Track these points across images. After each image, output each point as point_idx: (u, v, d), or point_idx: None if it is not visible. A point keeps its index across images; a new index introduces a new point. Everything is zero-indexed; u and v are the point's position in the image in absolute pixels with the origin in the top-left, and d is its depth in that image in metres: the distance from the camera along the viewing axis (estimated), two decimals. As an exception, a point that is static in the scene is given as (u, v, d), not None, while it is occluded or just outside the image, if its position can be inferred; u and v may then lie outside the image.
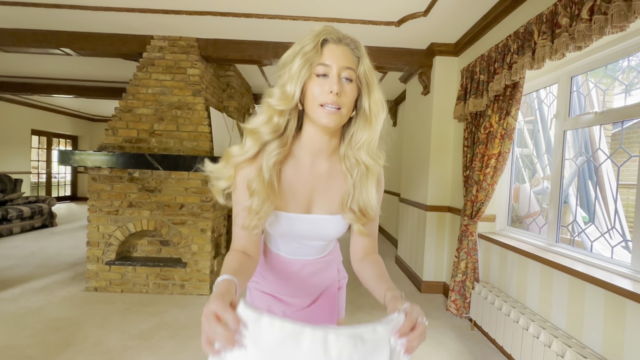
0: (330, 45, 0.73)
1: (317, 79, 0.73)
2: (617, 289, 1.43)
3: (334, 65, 0.72)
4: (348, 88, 0.73)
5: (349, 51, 0.74)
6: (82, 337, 2.25)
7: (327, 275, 1.02)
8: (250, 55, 3.32)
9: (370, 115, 0.77)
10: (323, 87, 0.72)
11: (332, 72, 0.72)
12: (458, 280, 2.64)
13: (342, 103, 0.72)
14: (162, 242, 3.26)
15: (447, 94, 3.24)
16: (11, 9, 2.81)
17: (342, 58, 0.73)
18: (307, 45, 0.72)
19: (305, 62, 0.72)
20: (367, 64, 0.75)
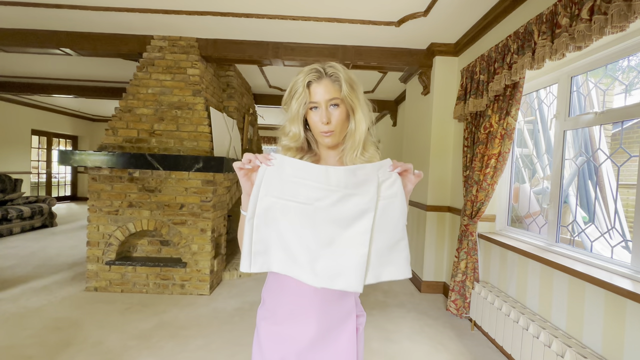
0: (314, 85, 0.91)
1: (312, 111, 0.93)
2: (617, 289, 1.43)
3: (321, 100, 0.91)
4: (336, 113, 0.92)
5: (329, 84, 0.91)
6: (82, 337, 2.25)
7: (343, 305, 0.97)
8: (250, 55, 3.32)
9: (354, 131, 0.94)
10: (317, 117, 0.92)
11: (321, 105, 0.91)
12: (458, 280, 2.64)
13: (333, 127, 0.92)
14: (162, 242, 3.26)
15: (447, 94, 3.24)
16: (11, 9, 2.81)
17: (325, 92, 0.90)
18: (298, 89, 0.91)
19: (300, 104, 0.91)
20: (345, 90, 0.91)
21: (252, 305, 2.85)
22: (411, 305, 2.98)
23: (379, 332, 2.47)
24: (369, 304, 2.93)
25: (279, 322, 0.97)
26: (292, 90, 0.93)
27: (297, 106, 0.91)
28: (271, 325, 0.99)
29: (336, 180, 0.80)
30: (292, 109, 0.93)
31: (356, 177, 0.81)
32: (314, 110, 0.92)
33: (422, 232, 3.38)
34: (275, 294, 0.99)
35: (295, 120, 0.93)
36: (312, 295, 0.94)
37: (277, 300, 0.98)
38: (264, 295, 1.03)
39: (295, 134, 0.95)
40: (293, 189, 0.81)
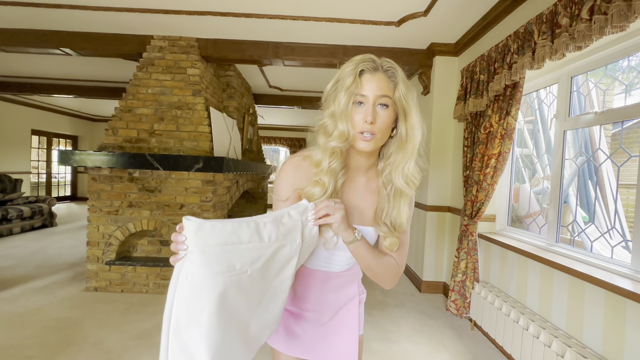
0: (367, 76, 0.79)
1: (355, 106, 0.80)
2: (617, 289, 1.43)
3: (370, 95, 0.78)
4: (383, 114, 0.80)
5: (384, 79, 0.79)
6: (82, 337, 2.25)
7: (348, 290, 1.00)
8: (250, 55, 3.32)
9: (406, 139, 0.83)
10: (359, 115, 0.79)
11: (368, 101, 0.79)
12: (458, 280, 2.64)
13: (376, 130, 0.79)
14: (162, 242, 3.25)
15: (447, 94, 3.24)
16: (11, 9, 2.81)
17: (378, 87, 0.78)
18: (347, 78, 0.79)
19: (349, 96, 0.79)
20: (402, 89, 0.80)
21: (252, 305, 2.85)
22: (411, 305, 2.98)
23: (379, 332, 2.47)
24: (369, 303, 2.93)
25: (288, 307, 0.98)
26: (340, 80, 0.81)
27: (346, 98, 0.78)
28: None
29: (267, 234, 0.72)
30: (339, 102, 0.79)
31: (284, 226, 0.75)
32: (357, 107, 0.80)
33: (422, 232, 3.38)
34: None
35: (343, 115, 0.79)
36: (320, 285, 0.95)
37: None
38: None
39: (344, 132, 0.80)
40: (224, 261, 0.65)
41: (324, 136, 0.83)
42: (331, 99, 0.82)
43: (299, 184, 0.86)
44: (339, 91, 0.80)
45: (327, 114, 0.83)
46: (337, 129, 0.80)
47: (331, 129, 0.82)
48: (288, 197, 0.86)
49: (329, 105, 0.83)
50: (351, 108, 0.80)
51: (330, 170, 0.83)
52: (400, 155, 0.83)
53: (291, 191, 0.86)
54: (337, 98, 0.80)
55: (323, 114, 0.85)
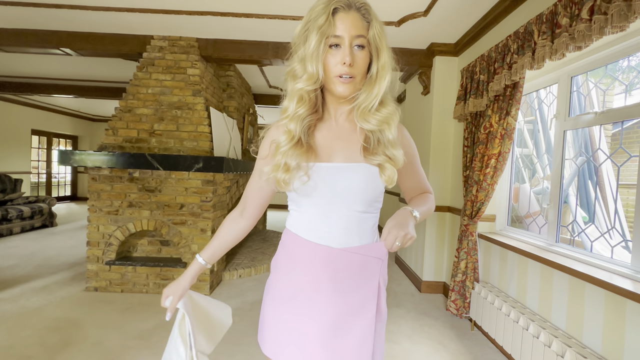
0: (341, 14, 0.73)
1: (330, 49, 0.74)
2: (617, 289, 1.43)
3: (346, 35, 0.73)
4: (360, 56, 0.75)
5: (359, 17, 0.74)
6: (82, 337, 2.25)
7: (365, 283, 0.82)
8: (250, 55, 3.32)
9: (375, 79, 0.77)
10: (336, 58, 0.74)
11: (344, 42, 0.73)
12: (458, 280, 2.64)
13: (355, 73, 0.74)
14: (162, 242, 3.25)
15: (447, 94, 3.24)
16: (11, 9, 2.81)
17: (353, 27, 0.73)
18: (319, 17, 0.72)
19: (321, 37, 0.72)
20: (376, 27, 0.75)
21: (251, 305, 2.85)
22: (411, 305, 2.98)
23: (379, 332, 2.46)
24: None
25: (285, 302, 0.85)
26: (311, 20, 0.75)
27: (317, 38, 0.72)
28: (277, 305, 0.86)
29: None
30: (309, 43, 0.73)
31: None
32: (332, 50, 0.74)
33: (422, 232, 3.38)
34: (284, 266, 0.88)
35: (314, 56, 0.73)
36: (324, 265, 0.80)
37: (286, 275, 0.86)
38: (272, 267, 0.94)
39: (312, 74, 0.74)
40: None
41: (292, 81, 0.79)
42: (301, 42, 0.77)
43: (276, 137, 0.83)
44: (310, 32, 0.74)
45: (296, 59, 0.78)
46: (306, 71, 0.75)
47: (300, 73, 0.77)
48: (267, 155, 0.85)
49: (298, 47, 0.78)
50: (324, 51, 0.74)
51: (296, 117, 0.78)
52: (365, 95, 0.77)
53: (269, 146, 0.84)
54: (308, 39, 0.74)
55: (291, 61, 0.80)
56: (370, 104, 0.77)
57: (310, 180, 0.79)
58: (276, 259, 0.91)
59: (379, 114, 0.79)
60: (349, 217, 0.80)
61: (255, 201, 0.92)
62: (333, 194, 0.79)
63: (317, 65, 0.74)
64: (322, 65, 0.75)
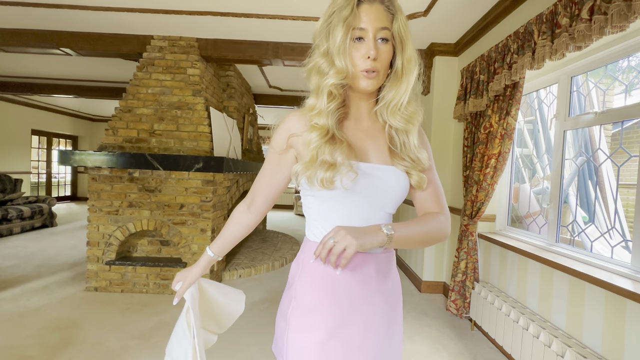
0: (365, 6, 0.71)
1: (354, 43, 0.72)
2: (617, 289, 1.43)
3: (370, 28, 0.70)
4: (384, 50, 0.72)
5: (383, 9, 0.72)
6: (82, 337, 2.25)
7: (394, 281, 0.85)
8: (250, 55, 3.32)
9: (402, 74, 0.75)
10: (360, 51, 0.71)
11: (368, 35, 0.71)
12: (458, 280, 2.64)
13: (379, 67, 0.72)
14: (162, 242, 3.26)
15: (447, 94, 3.24)
16: (11, 9, 2.81)
17: (377, 19, 0.70)
18: (344, 9, 0.70)
19: (348, 29, 0.70)
20: (402, 19, 0.72)
21: (251, 305, 2.85)
22: (411, 305, 2.98)
23: (379, 332, 2.46)
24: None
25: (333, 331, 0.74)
26: (334, 11, 0.71)
27: (344, 32, 0.69)
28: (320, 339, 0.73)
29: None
30: (335, 37, 0.70)
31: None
32: (356, 43, 0.71)
33: (422, 232, 3.38)
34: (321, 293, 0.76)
35: (341, 50, 0.70)
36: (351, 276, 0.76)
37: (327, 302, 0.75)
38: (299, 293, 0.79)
39: (342, 68, 0.71)
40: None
41: (318, 76, 0.74)
42: (324, 36, 0.73)
43: (296, 131, 0.77)
44: (334, 25, 0.71)
45: (319, 54, 0.74)
46: (335, 66, 0.71)
47: (327, 68, 0.72)
48: (283, 149, 0.79)
49: (321, 42, 0.74)
50: (349, 44, 0.71)
51: (328, 112, 0.73)
52: (394, 91, 0.75)
53: (286, 139, 0.78)
54: (333, 33, 0.70)
55: (314, 54, 0.76)
56: (400, 100, 0.75)
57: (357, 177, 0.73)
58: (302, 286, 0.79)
59: (405, 111, 0.76)
60: (384, 220, 0.78)
61: (264, 196, 0.87)
62: (376, 196, 0.76)
63: (346, 60, 0.71)
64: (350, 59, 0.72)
